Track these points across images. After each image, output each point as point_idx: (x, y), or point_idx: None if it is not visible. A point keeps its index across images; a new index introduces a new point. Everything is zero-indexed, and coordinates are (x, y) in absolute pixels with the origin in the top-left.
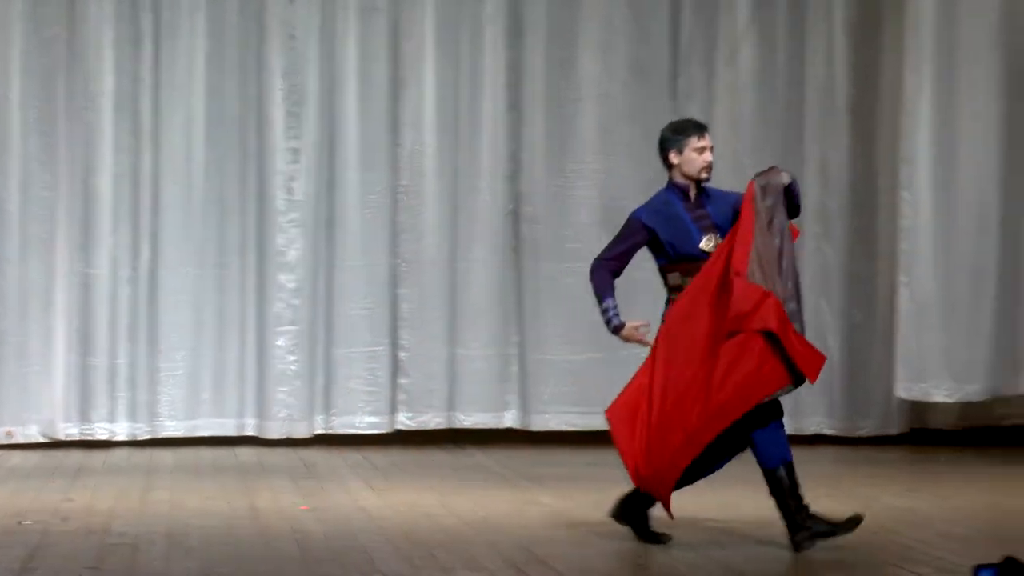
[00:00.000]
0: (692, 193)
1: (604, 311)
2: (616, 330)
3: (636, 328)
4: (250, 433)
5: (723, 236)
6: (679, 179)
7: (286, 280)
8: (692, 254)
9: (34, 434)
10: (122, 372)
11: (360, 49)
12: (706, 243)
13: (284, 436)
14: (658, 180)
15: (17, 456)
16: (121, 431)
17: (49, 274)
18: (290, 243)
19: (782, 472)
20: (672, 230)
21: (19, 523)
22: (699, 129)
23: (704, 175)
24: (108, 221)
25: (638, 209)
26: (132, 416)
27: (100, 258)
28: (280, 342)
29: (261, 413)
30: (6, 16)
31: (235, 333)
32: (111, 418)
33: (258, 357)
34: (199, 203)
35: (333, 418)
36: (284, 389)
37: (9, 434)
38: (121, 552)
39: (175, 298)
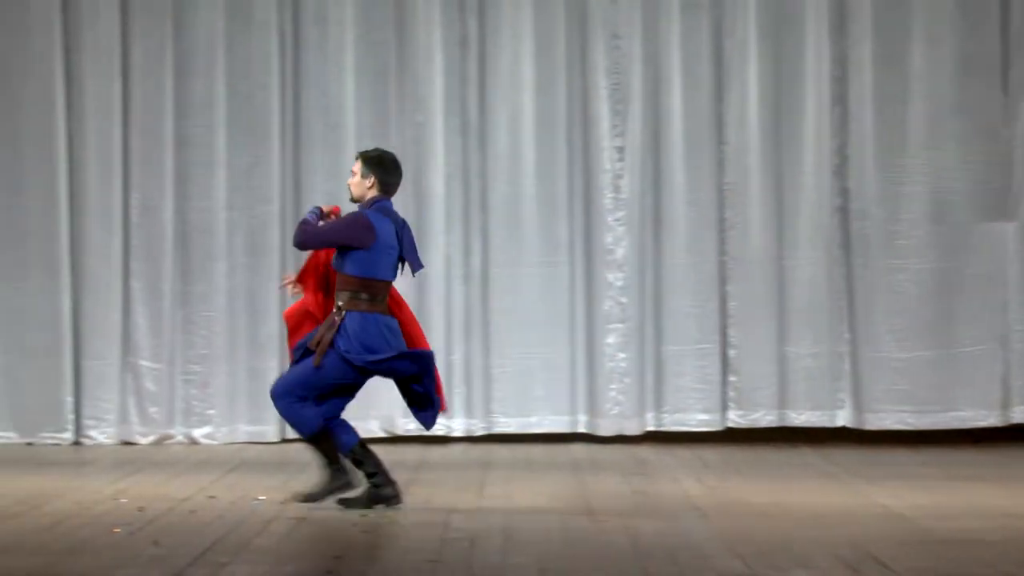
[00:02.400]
0: None
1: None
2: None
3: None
4: (582, 430)
5: None
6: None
7: (614, 278)
8: None
9: (374, 429)
10: (457, 369)
11: (683, 47)
12: None
13: (616, 433)
14: (988, 172)
15: None
16: (458, 427)
17: None
18: (618, 241)
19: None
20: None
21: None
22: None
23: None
24: (441, 220)
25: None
26: (468, 412)
27: (434, 257)
28: (610, 340)
29: (593, 410)
30: (340, 22)
31: (565, 331)
32: (448, 414)
33: (588, 355)
34: (528, 201)
35: (664, 415)
36: (615, 387)
37: None
38: (459, 546)
39: (506, 296)
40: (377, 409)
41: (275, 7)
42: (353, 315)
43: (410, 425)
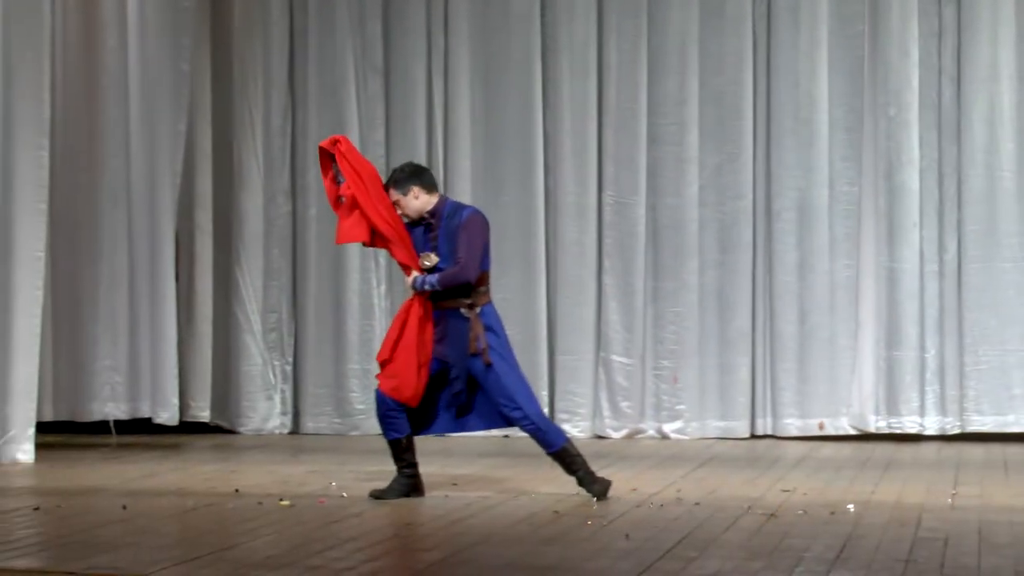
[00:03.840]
0: None
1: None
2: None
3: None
4: None
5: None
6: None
7: None
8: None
9: (844, 426)
10: (930, 366)
11: None
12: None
13: None
14: None
15: (828, 448)
16: (930, 425)
17: (856, 269)
18: None
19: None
20: None
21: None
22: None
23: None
24: (914, 215)
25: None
26: (941, 410)
27: (906, 252)
28: None
29: None
30: (813, 15)
31: None
32: (920, 412)
33: None
34: (1005, 196)
35: None
36: None
37: (820, 426)
38: (931, 546)
39: (981, 292)
40: (848, 406)
41: (749, 2)
42: (486, 309)
43: (880, 423)
